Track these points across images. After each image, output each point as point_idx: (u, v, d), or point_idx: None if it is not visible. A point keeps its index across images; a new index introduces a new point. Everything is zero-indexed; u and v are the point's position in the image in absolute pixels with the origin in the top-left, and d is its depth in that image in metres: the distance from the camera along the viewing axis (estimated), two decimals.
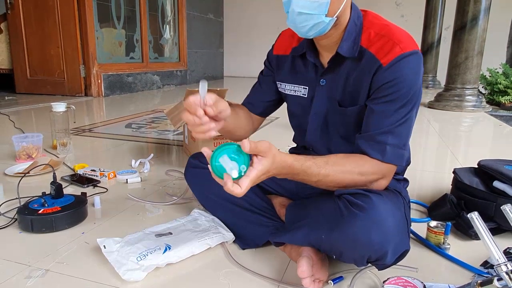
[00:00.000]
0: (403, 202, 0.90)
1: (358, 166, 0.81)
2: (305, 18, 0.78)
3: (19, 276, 0.86)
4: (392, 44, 0.80)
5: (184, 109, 0.74)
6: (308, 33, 0.82)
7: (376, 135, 0.82)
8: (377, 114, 0.82)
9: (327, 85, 0.92)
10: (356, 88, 0.87)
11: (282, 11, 0.80)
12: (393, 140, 0.82)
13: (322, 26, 0.80)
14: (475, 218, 0.71)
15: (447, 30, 5.69)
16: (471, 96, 3.74)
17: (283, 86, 1.03)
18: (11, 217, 1.13)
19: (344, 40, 0.84)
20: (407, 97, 0.81)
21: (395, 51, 0.79)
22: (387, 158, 0.82)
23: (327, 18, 0.79)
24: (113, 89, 4.37)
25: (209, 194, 1.08)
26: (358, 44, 0.84)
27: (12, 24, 4.04)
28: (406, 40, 0.81)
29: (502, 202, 1.05)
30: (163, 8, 5.41)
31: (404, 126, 0.83)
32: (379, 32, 0.83)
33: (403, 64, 0.79)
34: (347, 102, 0.89)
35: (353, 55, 0.84)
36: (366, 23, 0.86)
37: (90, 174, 1.52)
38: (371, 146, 0.82)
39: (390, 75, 0.80)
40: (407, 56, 0.79)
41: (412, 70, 0.80)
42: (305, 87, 0.97)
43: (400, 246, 0.77)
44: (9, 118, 2.75)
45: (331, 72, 0.90)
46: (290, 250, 0.94)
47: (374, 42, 0.83)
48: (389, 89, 0.80)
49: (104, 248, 0.91)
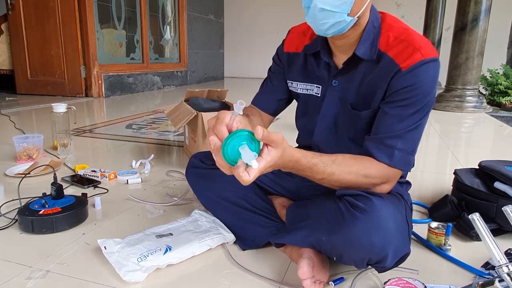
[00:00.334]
0: (405, 205, 0.89)
1: (365, 168, 0.81)
2: (327, 15, 0.76)
3: (20, 277, 0.86)
4: (413, 49, 0.79)
5: (210, 131, 0.68)
6: (327, 31, 0.80)
7: (386, 138, 0.82)
8: (390, 117, 0.82)
9: (339, 86, 0.90)
10: (370, 91, 0.86)
11: (282, 12, 0.80)
12: (403, 145, 0.82)
13: (342, 25, 0.79)
14: (476, 219, 0.71)
15: (448, 31, 5.69)
16: (471, 97, 3.74)
17: (294, 85, 1.01)
18: (11, 218, 1.13)
19: (361, 42, 0.83)
20: (422, 103, 0.80)
21: (416, 57, 0.79)
22: (394, 162, 0.82)
23: (349, 17, 0.78)
24: (113, 89, 4.38)
25: (210, 194, 1.08)
26: (376, 47, 0.83)
27: (12, 25, 4.05)
28: (427, 46, 0.80)
29: (503, 203, 1.05)
30: (163, 9, 5.41)
31: (415, 132, 0.82)
32: (398, 36, 0.82)
33: (423, 70, 0.79)
34: (360, 105, 0.88)
35: (371, 57, 0.83)
36: (385, 26, 0.85)
37: (90, 175, 1.52)
38: (380, 149, 0.82)
39: (408, 80, 0.79)
40: (427, 62, 0.79)
41: (430, 77, 0.80)
42: (318, 86, 0.95)
43: (401, 249, 0.77)
44: (10, 119, 2.75)
45: (345, 73, 0.89)
46: (290, 251, 0.94)
47: (393, 46, 0.82)
48: (406, 94, 0.80)
49: (104, 249, 0.91)
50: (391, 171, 0.83)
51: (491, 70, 4.50)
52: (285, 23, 2.17)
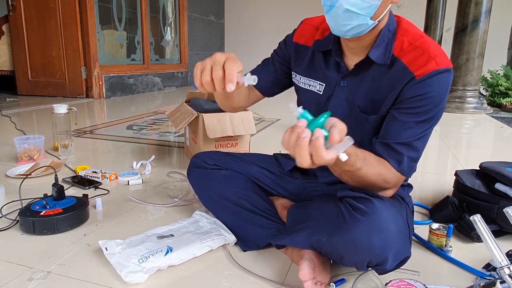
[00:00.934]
0: (406, 209, 0.89)
1: (385, 172, 0.81)
2: (351, 16, 0.74)
3: (21, 278, 0.86)
4: (428, 58, 0.78)
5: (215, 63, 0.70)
6: (347, 33, 0.78)
7: (394, 144, 0.81)
8: (399, 123, 0.81)
9: (347, 87, 0.89)
10: (380, 96, 0.85)
11: (283, 13, 0.79)
12: (410, 153, 0.82)
13: (363, 28, 0.78)
14: (477, 220, 0.71)
15: (448, 32, 5.68)
16: (472, 98, 3.74)
17: (297, 78, 0.99)
18: (12, 219, 1.13)
19: (376, 45, 0.82)
20: (432, 112, 0.80)
21: (431, 66, 0.78)
22: (402, 168, 0.82)
23: (371, 21, 0.76)
24: (114, 90, 4.38)
25: (211, 194, 1.08)
26: (390, 51, 0.82)
27: (13, 26, 4.05)
28: (442, 55, 0.79)
29: (504, 204, 1.05)
30: (164, 10, 5.42)
31: (422, 140, 0.83)
32: (413, 42, 0.81)
33: (437, 80, 0.78)
34: (367, 108, 0.87)
35: (385, 62, 0.82)
36: (400, 30, 0.83)
37: (91, 176, 1.53)
38: (390, 154, 0.82)
39: (421, 89, 0.78)
40: (441, 72, 0.78)
41: (443, 87, 0.79)
42: (321, 84, 0.93)
43: (401, 252, 0.77)
44: (11, 120, 2.76)
45: (355, 75, 0.88)
46: (291, 253, 0.94)
47: (407, 52, 0.81)
48: (418, 103, 0.79)
49: (105, 250, 0.91)
50: (398, 177, 0.83)
51: (491, 71, 4.50)
52: (286, 24, 2.19)
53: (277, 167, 1.12)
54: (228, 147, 1.66)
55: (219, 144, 1.65)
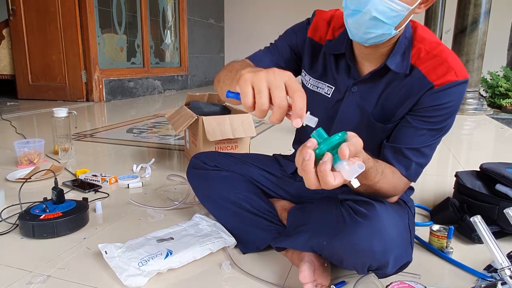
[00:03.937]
0: (408, 213, 0.89)
1: (398, 183, 0.81)
2: (376, 25, 0.71)
3: (21, 282, 0.85)
4: (447, 68, 0.77)
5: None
6: (369, 41, 0.76)
7: (404, 149, 0.81)
8: (413, 129, 0.81)
9: (358, 94, 0.86)
10: (392, 103, 0.83)
11: (283, 16, 0.79)
12: (419, 159, 0.82)
13: (384, 38, 0.75)
14: (478, 221, 0.71)
15: (448, 33, 5.69)
16: (472, 99, 3.74)
17: (307, 78, 0.95)
18: (12, 222, 1.13)
19: (393, 54, 0.80)
20: (446, 122, 0.80)
21: (450, 77, 0.77)
22: (409, 174, 0.82)
23: (394, 31, 0.73)
24: (114, 94, 4.39)
25: (211, 195, 1.08)
26: (408, 60, 0.80)
27: (14, 30, 4.06)
28: (460, 66, 0.78)
29: (504, 205, 1.05)
30: (164, 13, 5.43)
31: (431, 147, 0.83)
32: (430, 51, 0.79)
33: (455, 91, 0.77)
34: (379, 116, 0.85)
35: (404, 71, 0.80)
36: (417, 37, 0.81)
37: (91, 179, 1.52)
38: (398, 159, 0.82)
39: (439, 99, 0.78)
40: (460, 83, 0.77)
41: (459, 99, 0.79)
42: (330, 87, 0.90)
43: (402, 257, 0.77)
44: (11, 124, 2.76)
45: (368, 82, 0.85)
46: (291, 255, 0.94)
47: (424, 60, 0.79)
48: (434, 112, 0.79)
49: (105, 253, 0.91)
50: (404, 182, 0.83)
51: (491, 73, 4.50)
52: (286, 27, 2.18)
53: (278, 168, 1.12)
54: (228, 149, 1.66)
55: (219, 146, 1.65)
